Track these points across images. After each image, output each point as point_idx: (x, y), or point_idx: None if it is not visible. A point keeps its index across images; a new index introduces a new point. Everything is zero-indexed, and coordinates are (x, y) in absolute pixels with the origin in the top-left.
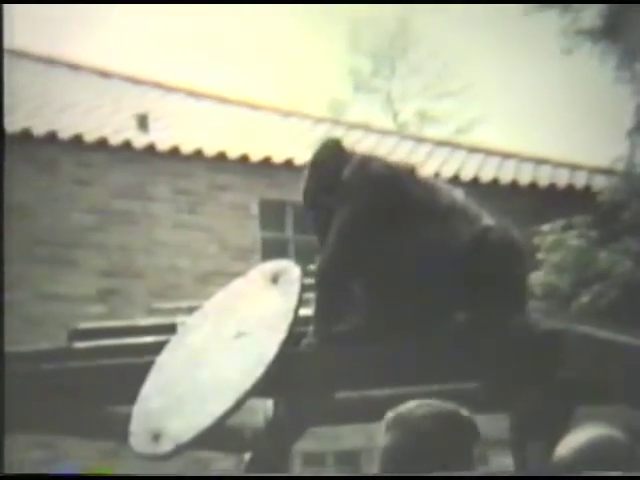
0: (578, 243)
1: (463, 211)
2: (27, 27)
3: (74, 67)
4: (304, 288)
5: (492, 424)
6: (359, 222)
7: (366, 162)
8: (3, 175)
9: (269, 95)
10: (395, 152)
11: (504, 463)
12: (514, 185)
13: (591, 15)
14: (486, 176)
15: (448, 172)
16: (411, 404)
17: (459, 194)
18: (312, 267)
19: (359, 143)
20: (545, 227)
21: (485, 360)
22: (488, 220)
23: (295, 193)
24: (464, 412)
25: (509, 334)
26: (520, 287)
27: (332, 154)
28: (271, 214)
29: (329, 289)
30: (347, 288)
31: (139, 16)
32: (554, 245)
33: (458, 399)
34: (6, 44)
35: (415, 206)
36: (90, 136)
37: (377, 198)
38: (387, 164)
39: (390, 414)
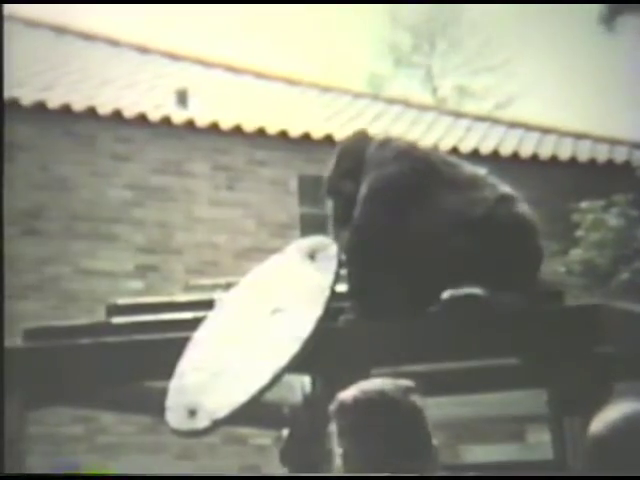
0: (618, 222)
1: (484, 182)
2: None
3: (114, 43)
4: (341, 264)
5: (530, 400)
6: (384, 191)
7: (387, 141)
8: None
9: (308, 70)
10: (434, 127)
11: (541, 439)
12: (554, 160)
13: None
14: (526, 151)
15: (487, 147)
16: (368, 385)
17: (481, 169)
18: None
19: (398, 118)
20: (584, 204)
21: (523, 336)
22: (506, 188)
23: None
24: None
25: (541, 309)
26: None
27: (356, 142)
28: (310, 190)
29: (361, 264)
30: (378, 262)
31: None
32: (594, 224)
33: (496, 375)
34: (47, 20)
35: (438, 177)
36: (129, 112)
37: (401, 168)
38: (408, 141)
39: (357, 396)
